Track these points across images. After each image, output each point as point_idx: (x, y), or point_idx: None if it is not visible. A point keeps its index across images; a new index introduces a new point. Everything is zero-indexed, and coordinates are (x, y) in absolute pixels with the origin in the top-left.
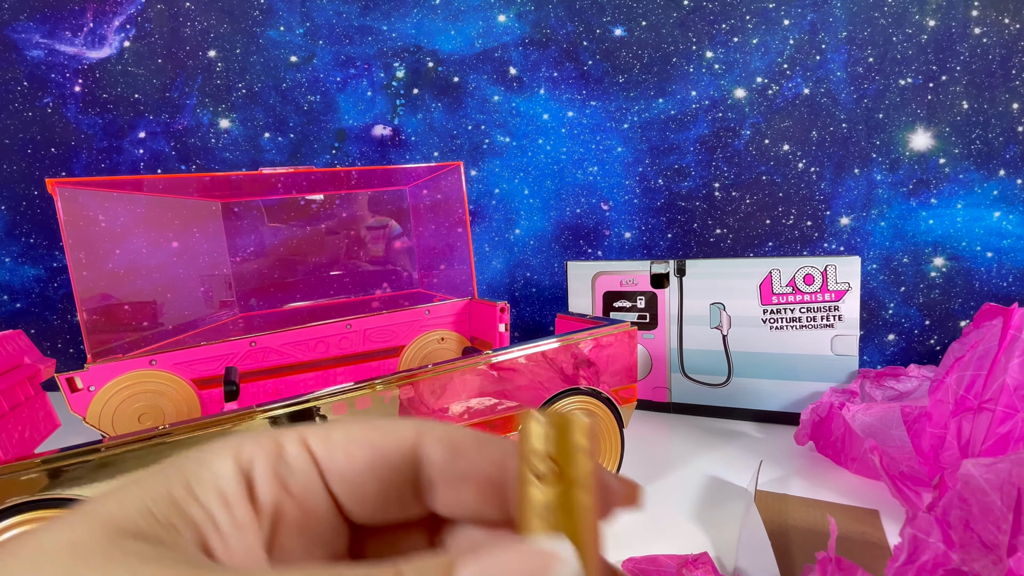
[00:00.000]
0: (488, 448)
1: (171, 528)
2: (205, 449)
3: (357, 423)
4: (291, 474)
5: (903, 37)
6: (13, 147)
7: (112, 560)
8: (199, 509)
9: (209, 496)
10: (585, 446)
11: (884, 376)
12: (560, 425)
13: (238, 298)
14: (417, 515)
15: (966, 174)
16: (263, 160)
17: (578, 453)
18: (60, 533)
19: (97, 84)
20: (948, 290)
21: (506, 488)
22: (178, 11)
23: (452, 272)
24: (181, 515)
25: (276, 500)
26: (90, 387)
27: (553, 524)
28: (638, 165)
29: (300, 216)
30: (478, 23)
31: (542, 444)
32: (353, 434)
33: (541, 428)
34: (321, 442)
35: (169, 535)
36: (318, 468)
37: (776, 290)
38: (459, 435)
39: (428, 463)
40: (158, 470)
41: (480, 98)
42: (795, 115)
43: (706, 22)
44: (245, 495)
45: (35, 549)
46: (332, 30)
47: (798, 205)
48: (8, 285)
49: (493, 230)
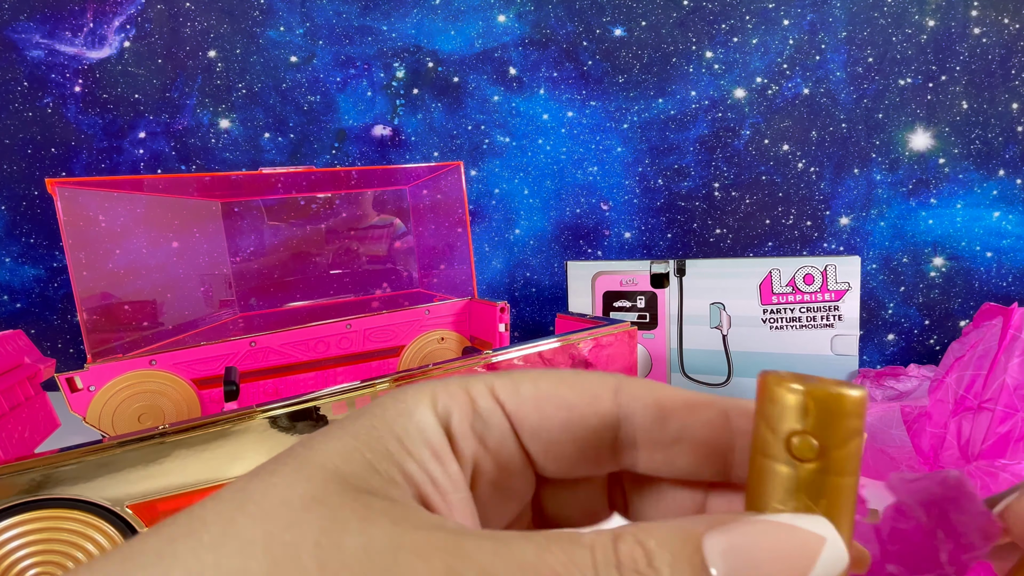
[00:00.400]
0: (701, 410)
1: (394, 484)
2: (401, 398)
3: (545, 376)
4: (486, 428)
5: (903, 37)
6: (13, 147)
7: (367, 520)
8: (415, 465)
9: (422, 451)
10: (858, 428)
11: (884, 376)
12: (826, 401)
13: (238, 298)
14: (612, 470)
15: (966, 174)
16: (263, 160)
17: (849, 436)
18: (294, 487)
19: (97, 84)
20: (948, 290)
21: (724, 451)
22: (178, 11)
23: (452, 272)
24: (400, 470)
25: (475, 454)
26: (90, 387)
27: (807, 506)
28: (638, 165)
29: (300, 216)
30: (478, 23)
31: (799, 420)
32: (543, 389)
33: (798, 399)
34: (511, 396)
35: (396, 491)
36: (511, 424)
37: (776, 290)
38: (664, 394)
39: (631, 425)
40: (363, 420)
41: (480, 98)
42: (795, 115)
43: (706, 22)
44: (448, 450)
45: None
46: (332, 30)
47: (798, 205)
48: (8, 285)
49: (493, 230)
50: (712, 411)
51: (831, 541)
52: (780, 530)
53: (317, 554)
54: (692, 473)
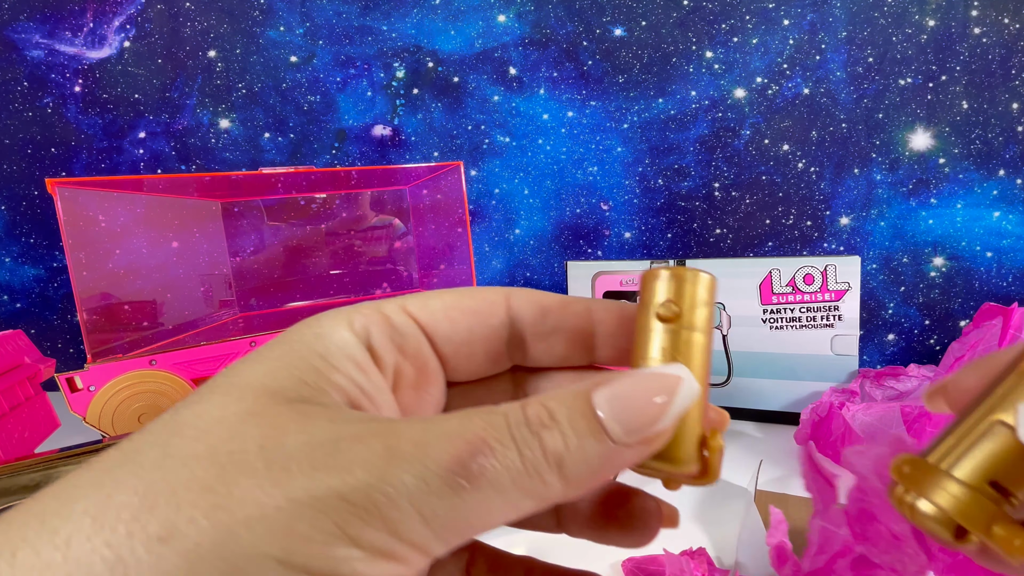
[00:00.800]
0: (572, 305)
1: (324, 393)
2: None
3: (449, 292)
4: (403, 339)
5: (903, 37)
6: (13, 147)
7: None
8: (341, 376)
9: (346, 364)
10: (707, 300)
11: (884, 376)
12: (681, 275)
13: (238, 298)
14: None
15: (966, 174)
16: (263, 160)
17: (700, 303)
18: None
19: (97, 84)
20: (948, 290)
21: (590, 337)
22: (178, 11)
23: (452, 272)
24: (328, 382)
25: (396, 363)
26: (90, 387)
27: (671, 357)
28: (638, 165)
29: (300, 216)
30: (478, 23)
31: (664, 292)
32: (449, 302)
33: (663, 276)
34: (421, 310)
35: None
36: (425, 333)
37: (776, 290)
38: (544, 297)
39: (520, 323)
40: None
41: (480, 98)
42: (795, 115)
43: (706, 22)
44: (370, 361)
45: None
46: (332, 30)
47: (798, 205)
48: (8, 285)
49: (493, 230)
50: (579, 306)
51: (686, 379)
52: (649, 376)
53: (263, 455)
54: (567, 358)
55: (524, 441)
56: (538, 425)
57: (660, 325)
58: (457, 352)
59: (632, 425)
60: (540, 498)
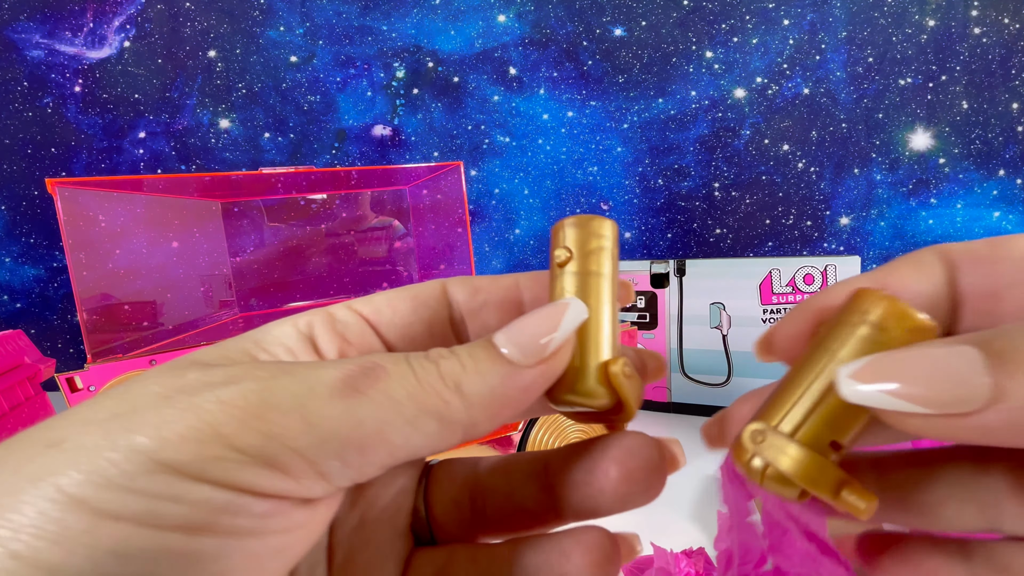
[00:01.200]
0: (501, 280)
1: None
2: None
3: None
4: (346, 327)
5: (903, 37)
6: (13, 147)
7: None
8: (267, 356)
9: (276, 348)
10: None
11: None
12: (577, 221)
13: (238, 298)
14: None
15: (966, 174)
16: (263, 160)
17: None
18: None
19: (97, 84)
20: None
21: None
22: (178, 11)
23: (452, 272)
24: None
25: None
26: (90, 387)
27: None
28: (638, 165)
29: (300, 216)
30: (478, 23)
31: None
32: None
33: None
34: (365, 304)
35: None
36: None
37: (776, 290)
38: (477, 279)
39: (457, 303)
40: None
41: (480, 98)
42: (795, 115)
43: (706, 22)
44: (309, 348)
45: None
46: (332, 30)
47: (798, 205)
48: (8, 285)
49: (493, 230)
50: (508, 280)
51: (573, 304)
52: (541, 308)
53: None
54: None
55: (421, 366)
56: (436, 356)
57: (559, 270)
58: (402, 336)
59: (526, 347)
60: (441, 417)
